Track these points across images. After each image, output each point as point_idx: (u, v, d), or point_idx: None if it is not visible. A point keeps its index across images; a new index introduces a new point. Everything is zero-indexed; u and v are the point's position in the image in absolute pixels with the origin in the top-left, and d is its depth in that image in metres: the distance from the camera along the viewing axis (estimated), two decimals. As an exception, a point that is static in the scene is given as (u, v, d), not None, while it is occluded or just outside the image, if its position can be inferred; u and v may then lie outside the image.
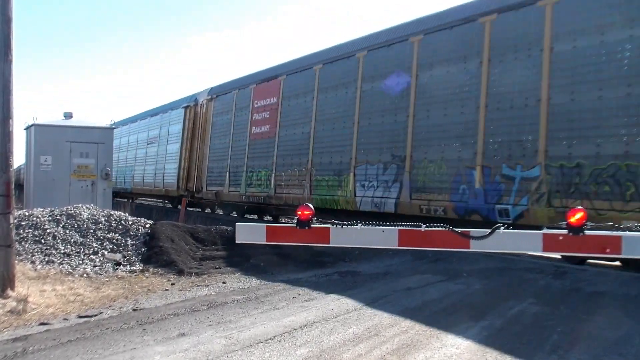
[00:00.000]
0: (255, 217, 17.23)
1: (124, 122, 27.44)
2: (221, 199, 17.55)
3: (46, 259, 7.71)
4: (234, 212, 17.81)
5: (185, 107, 19.92)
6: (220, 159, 17.58)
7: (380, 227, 3.69)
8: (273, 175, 14.58)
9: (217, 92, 18.57)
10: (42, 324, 5.05)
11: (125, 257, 8.17)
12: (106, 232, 8.79)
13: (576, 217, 3.31)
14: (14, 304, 5.40)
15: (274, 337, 4.69)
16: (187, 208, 19.82)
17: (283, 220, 15.98)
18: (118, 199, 24.37)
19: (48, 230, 8.53)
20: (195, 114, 19.54)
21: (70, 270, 7.35)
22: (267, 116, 15.28)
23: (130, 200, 25.42)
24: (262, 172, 15.17)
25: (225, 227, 10.02)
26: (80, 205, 9.83)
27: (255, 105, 15.98)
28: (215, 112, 18.38)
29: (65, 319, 5.24)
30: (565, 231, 3.35)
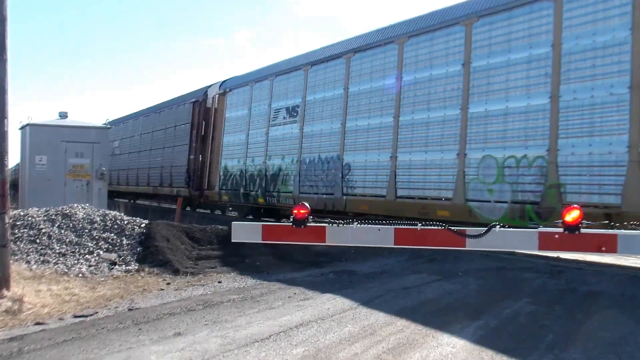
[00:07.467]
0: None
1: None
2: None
3: (41, 259, 7.67)
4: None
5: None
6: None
7: (376, 226, 3.69)
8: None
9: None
10: (38, 323, 5.02)
11: (120, 256, 8.14)
12: (101, 232, 8.76)
13: (572, 215, 3.32)
14: (10, 303, 5.37)
15: (269, 336, 4.68)
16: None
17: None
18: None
19: (43, 230, 8.49)
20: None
21: (66, 270, 7.32)
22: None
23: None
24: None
25: (220, 227, 10.01)
26: (75, 205, 9.78)
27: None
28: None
29: (60, 319, 5.22)
30: (561, 230, 3.36)
